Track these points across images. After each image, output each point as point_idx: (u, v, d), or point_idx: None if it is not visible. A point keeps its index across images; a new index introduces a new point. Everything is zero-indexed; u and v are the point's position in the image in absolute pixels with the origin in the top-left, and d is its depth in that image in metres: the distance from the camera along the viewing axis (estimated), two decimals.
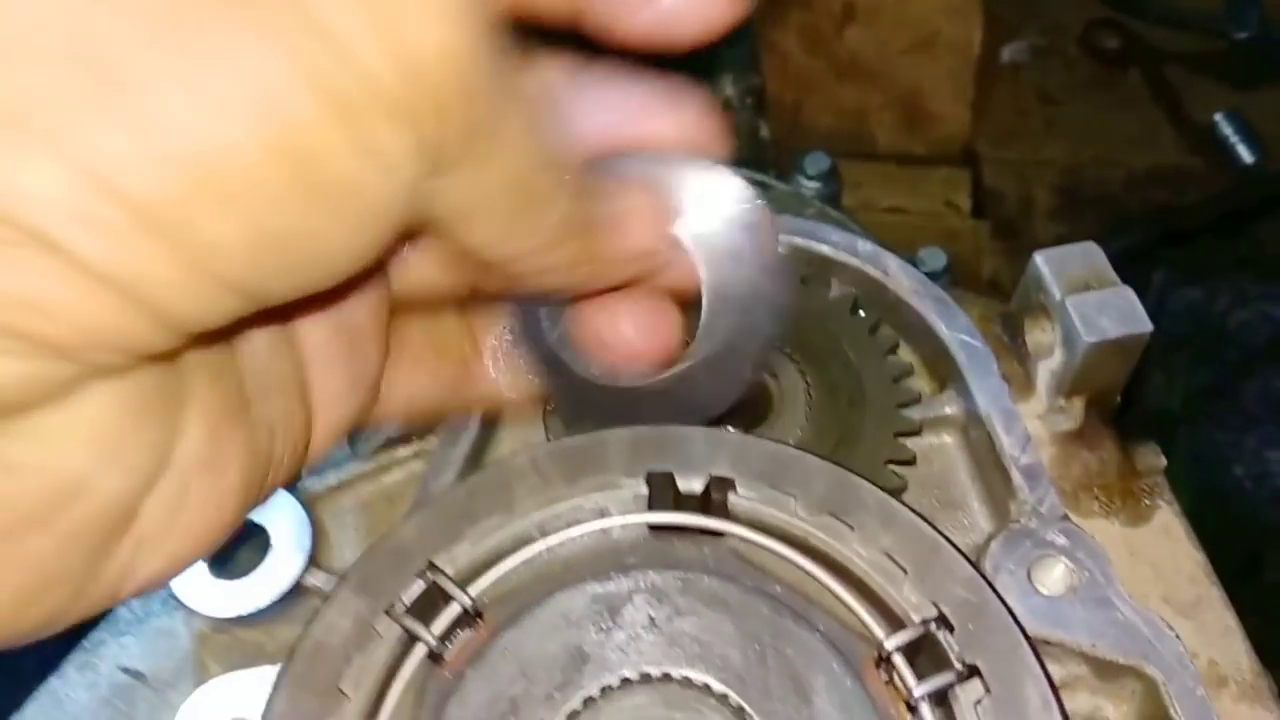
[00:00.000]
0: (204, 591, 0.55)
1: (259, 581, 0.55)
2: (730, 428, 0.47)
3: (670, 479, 0.42)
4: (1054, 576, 0.51)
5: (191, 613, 0.55)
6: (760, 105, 1.75)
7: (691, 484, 0.43)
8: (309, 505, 0.58)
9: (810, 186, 1.29)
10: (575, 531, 0.42)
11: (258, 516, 0.57)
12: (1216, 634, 0.54)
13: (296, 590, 0.56)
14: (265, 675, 0.49)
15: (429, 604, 0.40)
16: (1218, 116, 2.03)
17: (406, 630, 0.39)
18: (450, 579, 0.40)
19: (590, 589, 0.40)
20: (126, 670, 0.55)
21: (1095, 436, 0.60)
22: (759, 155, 1.57)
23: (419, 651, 0.39)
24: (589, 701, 0.39)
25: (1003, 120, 2.12)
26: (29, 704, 0.54)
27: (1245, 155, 2.02)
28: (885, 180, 1.94)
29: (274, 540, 0.56)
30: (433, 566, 0.40)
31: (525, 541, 0.42)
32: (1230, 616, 0.55)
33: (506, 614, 0.40)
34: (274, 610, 0.55)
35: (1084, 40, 2.20)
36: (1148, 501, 0.58)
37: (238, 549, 0.56)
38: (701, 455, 0.43)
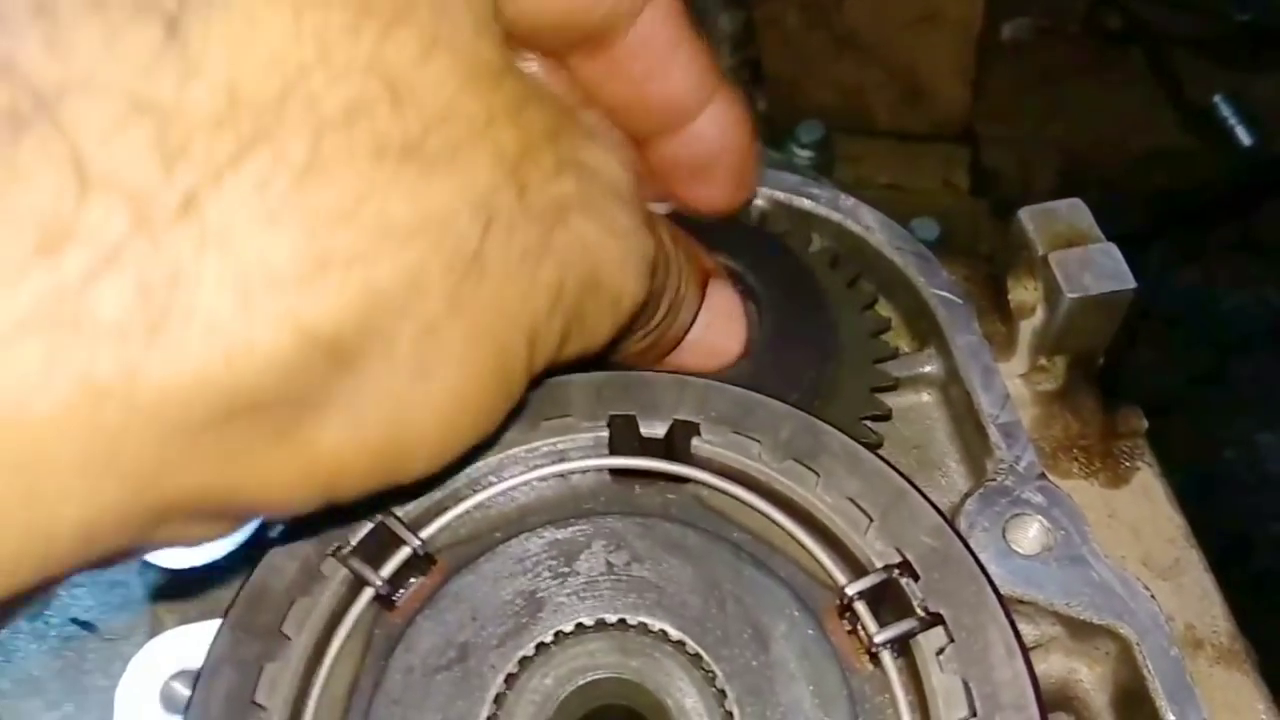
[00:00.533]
0: None
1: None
2: None
3: (633, 422, 0.41)
4: (1029, 535, 0.50)
5: (146, 565, 0.54)
6: (756, 77, 1.72)
7: (654, 428, 0.42)
8: None
9: (803, 156, 1.27)
10: (533, 475, 0.41)
11: None
12: (1194, 597, 0.53)
13: (254, 543, 0.54)
14: (216, 628, 0.47)
15: (379, 547, 0.39)
16: (1217, 99, 2.02)
17: (353, 572, 0.38)
18: (400, 521, 0.39)
19: (547, 534, 0.39)
20: (77, 621, 0.53)
21: (1077, 397, 0.59)
22: (755, 128, 1.54)
23: (366, 595, 0.38)
24: (541, 647, 0.37)
25: (1003, 99, 2.10)
26: None
27: (1244, 138, 2.00)
28: (883, 157, 1.93)
29: None
30: (383, 508, 0.39)
31: (481, 485, 0.40)
32: (1208, 580, 0.53)
33: (460, 559, 0.39)
34: (231, 563, 0.54)
35: (1087, 20, 2.18)
36: (1128, 463, 0.57)
37: None
38: (666, 399, 0.42)
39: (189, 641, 0.49)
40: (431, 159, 0.29)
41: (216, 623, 0.49)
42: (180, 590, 0.55)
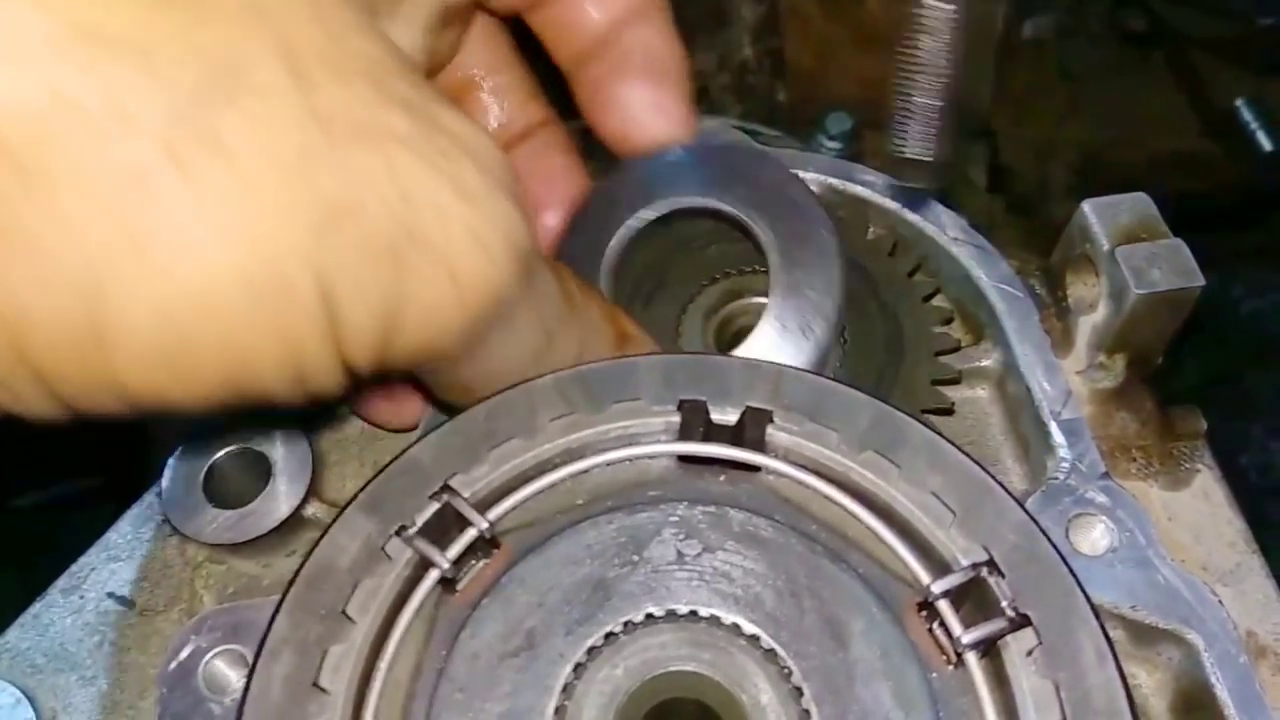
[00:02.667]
0: (200, 518, 0.52)
1: (257, 510, 0.52)
2: None
3: (703, 408, 0.40)
4: (1093, 536, 0.49)
5: (186, 540, 0.53)
6: (778, 68, 1.70)
7: (726, 415, 0.40)
8: (312, 433, 0.55)
9: (831, 147, 1.25)
10: (601, 459, 0.39)
11: (259, 444, 0.54)
12: (1256, 603, 0.52)
13: (295, 520, 0.53)
14: (262, 606, 0.46)
15: (443, 528, 0.37)
16: (1239, 103, 2.00)
17: (419, 553, 0.37)
18: (467, 502, 0.37)
19: (615, 520, 0.38)
20: (114, 596, 0.52)
21: (1135, 396, 0.57)
22: (774, 119, 1.53)
23: (431, 577, 0.37)
24: (610, 637, 0.36)
25: (1022, 96, 2.08)
26: (11, 629, 0.51)
27: (1265, 143, 1.98)
28: None
29: (274, 468, 0.53)
30: (448, 489, 0.38)
31: (547, 468, 0.39)
32: (1271, 586, 0.52)
33: (526, 543, 0.38)
34: (271, 540, 0.53)
35: (1109, 20, 2.16)
36: (1187, 465, 0.56)
37: (238, 476, 0.53)
38: (738, 385, 0.40)
39: (230, 620, 0.48)
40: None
41: (258, 601, 0.48)
42: (218, 568, 0.53)
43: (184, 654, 0.46)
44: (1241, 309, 1.83)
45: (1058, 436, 0.52)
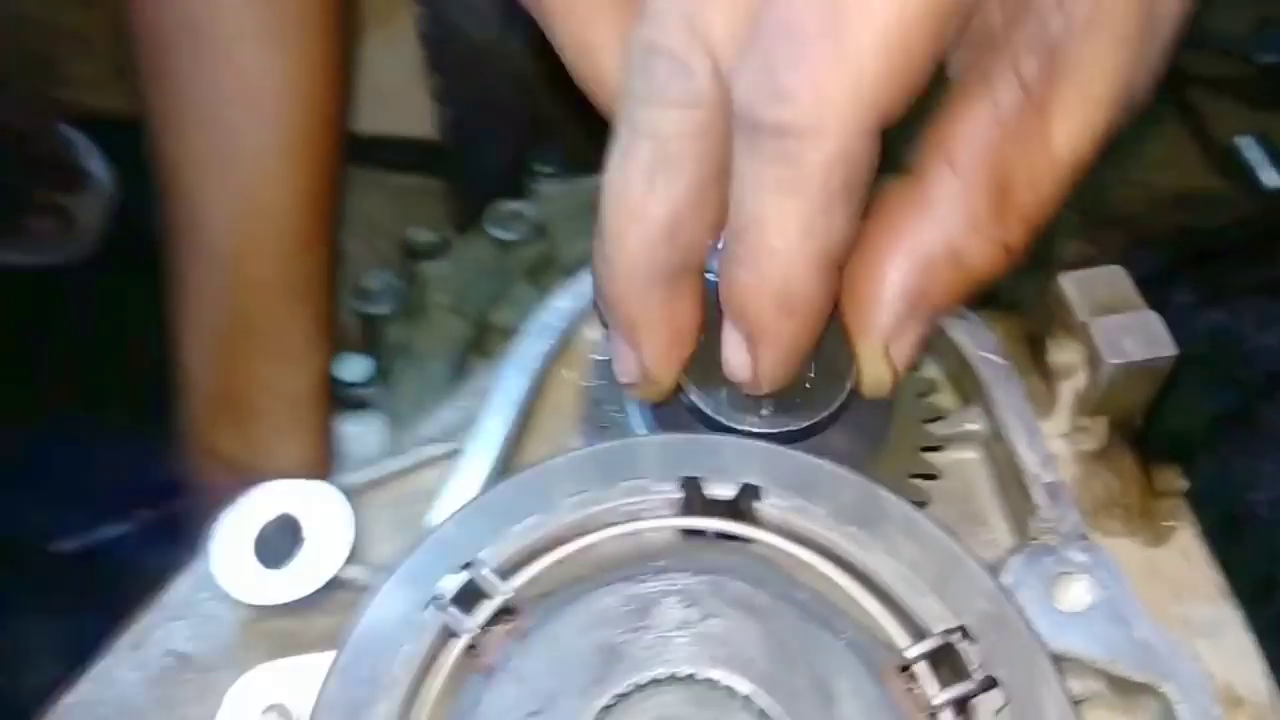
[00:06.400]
0: (246, 579, 0.57)
1: (300, 571, 0.57)
2: None
3: (700, 484, 0.44)
4: (1073, 593, 0.53)
5: (235, 603, 0.57)
6: None
7: (723, 490, 0.44)
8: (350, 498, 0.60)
9: None
10: (609, 533, 0.44)
11: (301, 510, 0.59)
12: (1234, 656, 0.55)
13: (335, 582, 0.58)
14: (304, 664, 0.50)
15: (471, 597, 0.42)
16: (1241, 140, 2.03)
17: (448, 623, 0.41)
18: (492, 573, 0.42)
19: (623, 590, 0.42)
20: (173, 653, 0.57)
21: (1117, 457, 0.61)
22: None
23: (458, 643, 0.41)
24: (620, 698, 0.40)
25: None
26: (81, 680, 0.56)
27: (1268, 179, 2.01)
28: None
29: (316, 532, 0.58)
30: (474, 563, 0.42)
31: (561, 541, 0.43)
32: (1248, 639, 0.55)
33: (542, 610, 0.42)
34: (312, 600, 0.57)
35: None
36: (1166, 523, 0.59)
37: (282, 540, 0.58)
38: (732, 463, 0.45)
39: (276, 677, 0.52)
40: None
41: (301, 659, 0.52)
42: (263, 625, 0.58)
43: (234, 710, 0.50)
44: (1248, 345, 1.85)
45: (1039, 498, 0.56)
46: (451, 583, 0.42)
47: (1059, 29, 0.39)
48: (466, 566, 0.42)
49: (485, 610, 0.41)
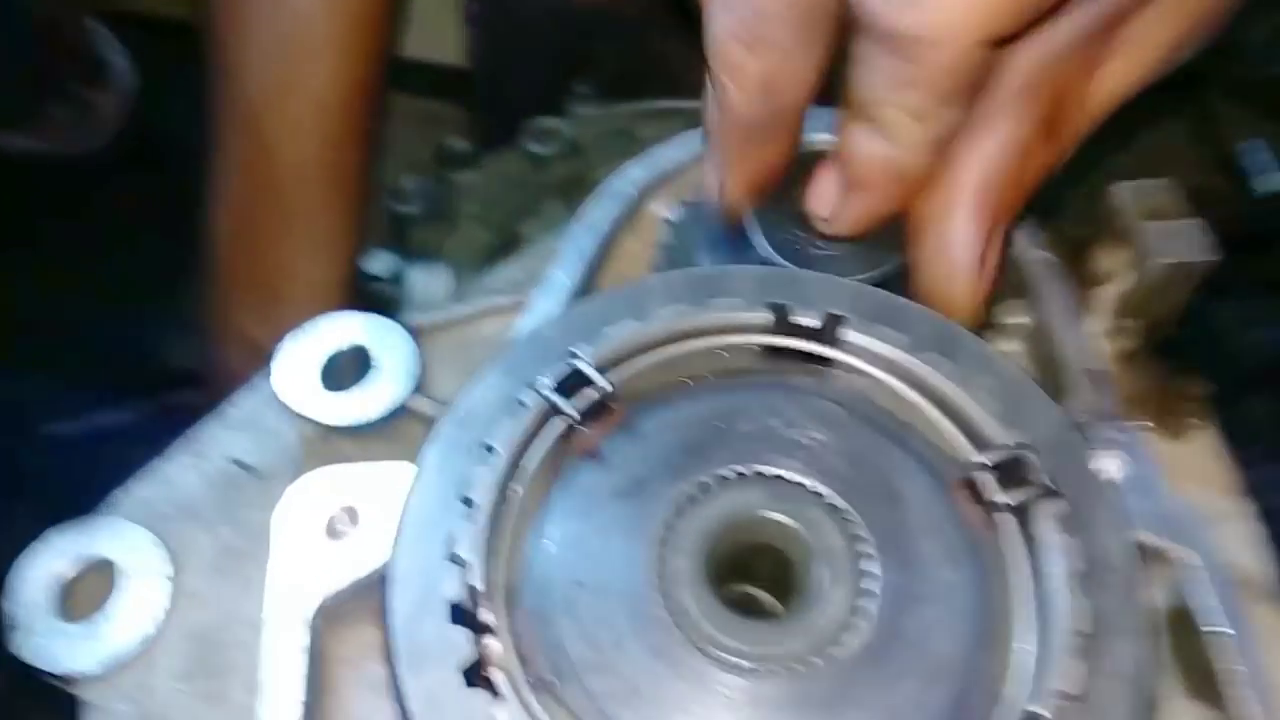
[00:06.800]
0: (313, 399, 0.58)
1: (367, 396, 0.58)
2: None
3: (790, 309, 0.47)
4: (1108, 468, 0.56)
5: (297, 418, 0.59)
6: None
7: (808, 319, 0.47)
8: (416, 336, 0.61)
9: None
10: (702, 343, 0.46)
11: (366, 341, 0.60)
12: (1243, 542, 0.58)
13: (401, 410, 0.59)
14: (375, 469, 0.52)
15: (570, 386, 0.44)
16: (1244, 144, 2.08)
17: (550, 403, 0.43)
18: (591, 366, 0.44)
19: (712, 396, 0.45)
20: (235, 461, 0.58)
21: (1148, 359, 0.64)
22: None
23: (558, 423, 0.43)
24: (703, 487, 0.43)
25: None
26: (135, 482, 0.57)
27: (1261, 184, 2.06)
28: None
29: (383, 361, 0.60)
30: (574, 354, 0.44)
31: (655, 344, 0.46)
32: (1259, 528, 0.59)
33: (636, 408, 0.45)
34: (376, 426, 0.59)
35: None
36: (1191, 421, 0.63)
37: (349, 366, 0.60)
38: (818, 295, 0.47)
39: (343, 482, 0.54)
40: None
41: (374, 464, 0.54)
42: (325, 448, 0.59)
43: (295, 509, 0.52)
44: (1240, 337, 1.91)
45: (1081, 384, 0.59)
46: (555, 370, 0.44)
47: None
48: (566, 359, 0.44)
49: (585, 398, 0.44)
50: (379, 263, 1.22)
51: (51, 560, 0.49)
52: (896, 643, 0.38)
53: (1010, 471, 0.43)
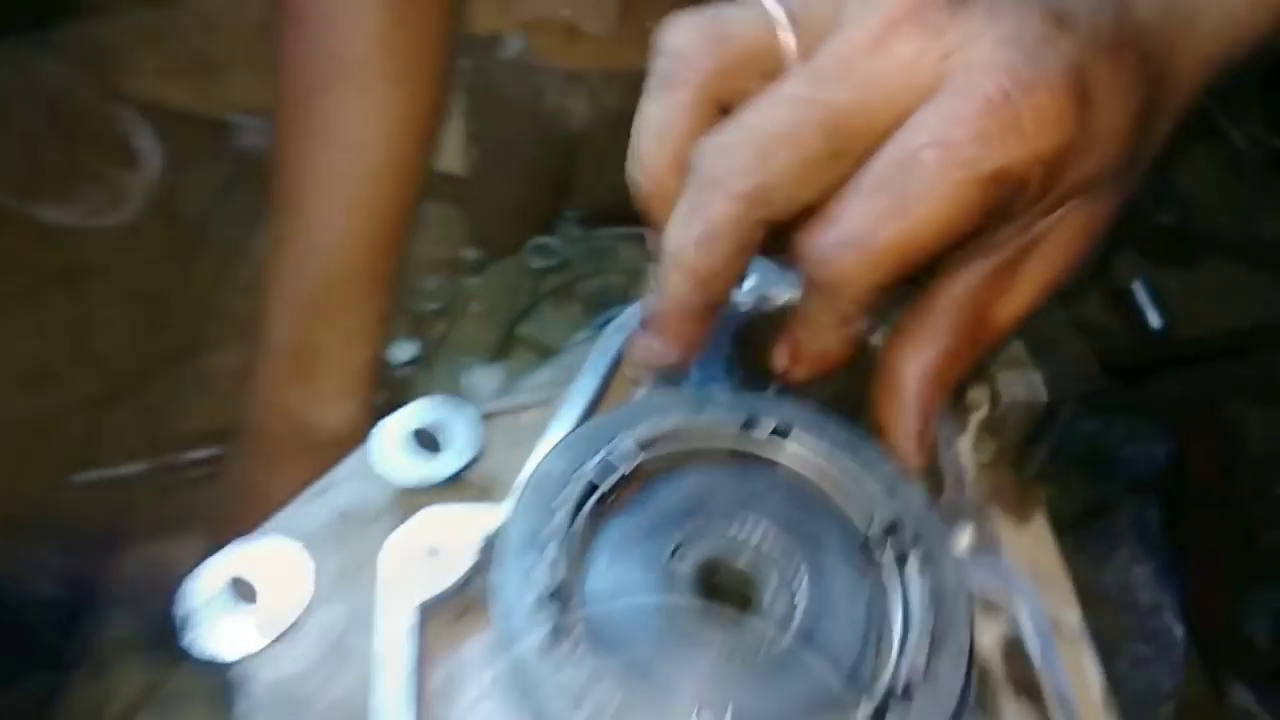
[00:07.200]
0: (401, 464, 0.79)
1: (443, 461, 0.79)
2: None
3: (753, 420, 0.70)
4: (960, 537, 0.80)
5: (387, 481, 0.80)
6: None
7: (765, 430, 0.71)
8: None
9: None
10: (689, 444, 0.69)
11: (434, 417, 0.81)
12: (1060, 599, 0.83)
13: (457, 479, 0.80)
14: (463, 510, 0.73)
15: (604, 469, 0.67)
16: (1135, 284, 2.40)
17: (591, 481, 0.66)
18: (619, 455, 0.67)
19: (696, 476, 0.68)
20: (343, 513, 0.78)
21: (1000, 467, 0.90)
22: None
23: (597, 493, 0.66)
24: (697, 530, 0.65)
25: None
26: (267, 525, 0.77)
27: (1154, 321, 2.37)
28: None
29: (450, 435, 0.80)
30: (606, 445, 0.67)
31: (665, 437, 0.69)
32: (1070, 587, 0.84)
33: (646, 480, 0.68)
34: (443, 488, 0.80)
35: None
36: (1029, 517, 0.88)
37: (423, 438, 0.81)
38: (775, 411, 0.71)
39: (434, 523, 0.74)
40: None
41: (457, 506, 0.75)
42: (409, 500, 0.80)
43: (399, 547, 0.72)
44: (1119, 453, 2.21)
45: (949, 480, 0.84)
46: (593, 460, 0.67)
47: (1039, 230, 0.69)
48: (601, 447, 0.67)
49: (614, 477, 0.67)
50: (401, 350, 1.44)
51: (221, 562, 0.68)
52: (816, 638, 0.60)
53: (891, 530, 0.66)
